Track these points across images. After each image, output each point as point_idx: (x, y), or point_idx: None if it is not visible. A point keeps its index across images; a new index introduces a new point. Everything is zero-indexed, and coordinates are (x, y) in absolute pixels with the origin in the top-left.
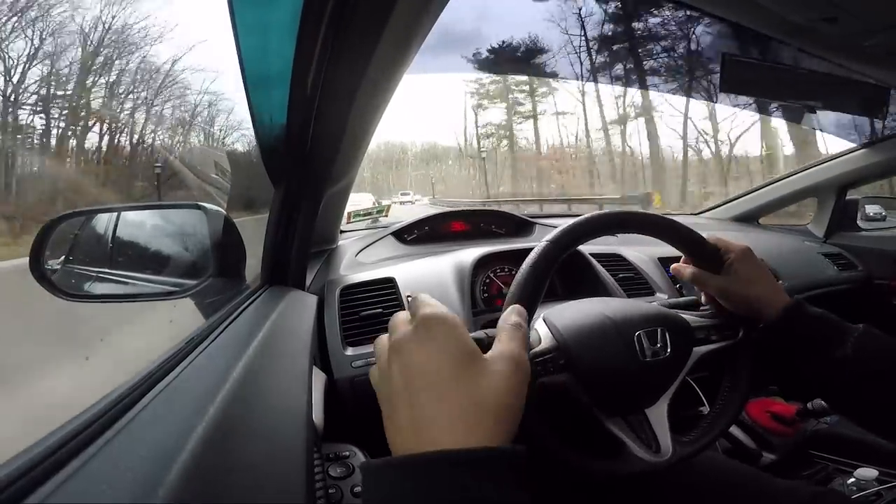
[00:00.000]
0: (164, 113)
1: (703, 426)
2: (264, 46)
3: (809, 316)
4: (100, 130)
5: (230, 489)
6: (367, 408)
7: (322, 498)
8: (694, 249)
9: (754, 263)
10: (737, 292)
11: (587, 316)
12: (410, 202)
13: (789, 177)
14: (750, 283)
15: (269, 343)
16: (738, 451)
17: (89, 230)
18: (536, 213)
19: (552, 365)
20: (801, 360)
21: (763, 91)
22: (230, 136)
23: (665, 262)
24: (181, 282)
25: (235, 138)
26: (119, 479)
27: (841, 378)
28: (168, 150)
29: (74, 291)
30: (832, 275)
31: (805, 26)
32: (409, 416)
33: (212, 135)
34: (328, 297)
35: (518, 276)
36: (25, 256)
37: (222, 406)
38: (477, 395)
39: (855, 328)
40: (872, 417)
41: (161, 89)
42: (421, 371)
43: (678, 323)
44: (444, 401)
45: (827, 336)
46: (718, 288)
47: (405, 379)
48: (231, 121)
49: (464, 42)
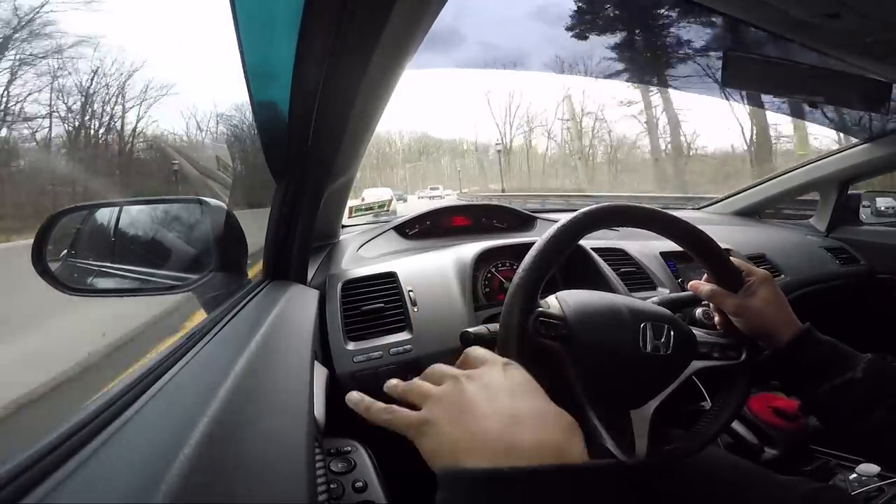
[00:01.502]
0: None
1: (685, 439)
2: (266, 42)
3: (819, 341)
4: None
5: (232, 485)
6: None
7: (324, 493)
8: (718, 266)
9: (775, 289)
10: (753, 312)
11: (600, 298)
12: (440, 196)
13: (791, 171)
14: (768, 305)
15: (270, 338)
16: (739, 447)
17: (92, 224)
18: (538, 207)
19: (553, 331)
20: (810, 384)
21: (765, 86)
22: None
23: (667, 256)
24: (183, 276)
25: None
26: (120, 476)
27: (850, 401)
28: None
29: (77, 285)
30: (834, 269)
31: (808, 22)
32: (498, 429)
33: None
34: (330, 291)
35: (545, 235)
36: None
37: (224, 401)
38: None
39: (864, 356)
40: (882, 440)
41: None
42: (506, 388)
43: (685, 331)
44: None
45: (836, 361)
46: (736, 306)
47: (489, 393)
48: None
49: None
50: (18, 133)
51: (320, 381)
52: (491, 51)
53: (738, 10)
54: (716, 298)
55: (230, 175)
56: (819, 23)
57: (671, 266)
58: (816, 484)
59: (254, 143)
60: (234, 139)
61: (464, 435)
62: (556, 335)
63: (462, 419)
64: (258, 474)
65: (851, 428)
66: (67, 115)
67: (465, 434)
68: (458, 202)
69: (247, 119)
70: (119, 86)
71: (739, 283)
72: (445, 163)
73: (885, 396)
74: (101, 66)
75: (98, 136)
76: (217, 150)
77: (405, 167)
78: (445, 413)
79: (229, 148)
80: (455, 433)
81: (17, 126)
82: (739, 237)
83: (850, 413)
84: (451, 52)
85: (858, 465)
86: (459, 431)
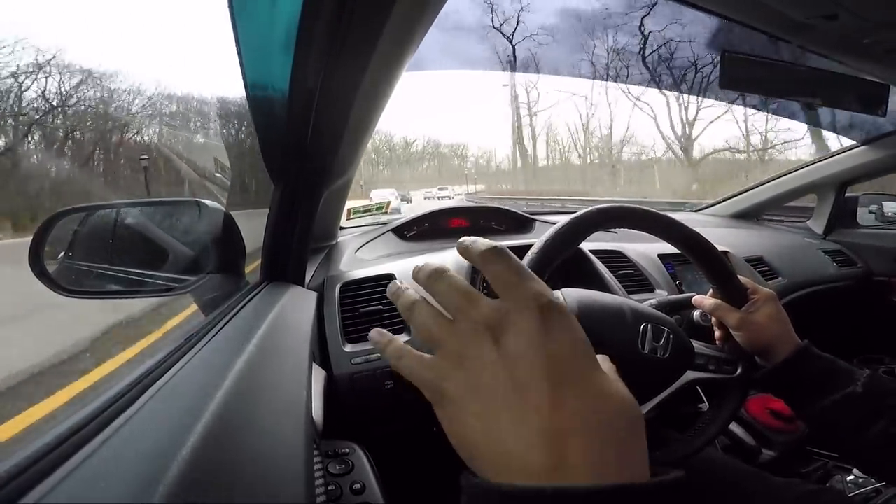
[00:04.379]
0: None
1: (672, 449)
2: (265, 43)
3: (818, 357)
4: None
5: (230, 486)
6: (366, 405)
7: (322, 495)
8: (724, 281)
9: (778, 307)
10: (755, 328)
11: (603, 297)
12: (448, 197)
13: (789, 174)
14: (770, 321)
15: (268, 340)
16: (736, 448)
17: (89, 226)
18: (537, 209)
19: None
20: (809, 400)
21: (763, 88)
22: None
23: (664, 259)
24: (181, 278)
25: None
26: (118, 476)
27: (850, 416)
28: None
29: (74, 287)
30: (832, 272)
31: (805, 23)
32: (542, 422)
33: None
34: (328, 293)
35: (551, 230)
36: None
37: (222, 403)
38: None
39: (863, 371)
40: (882, 455)
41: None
42: (548, 368)
43: (684, 340)
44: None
45: (835, 377)
46: (738, 320)
47: (527, 376)
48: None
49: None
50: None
51: (318, 383)
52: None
53: (736, 12)
54: (719, 312)
55: (227, 176)
56: (817, 24)
57: (669, 268)
58: (814, 486)
59: (252, 144)
60: (233, 139)
61: (492, 434)
62: None
63: (489, 413)
64: (256, 475)
65: (851, 443)
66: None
67: (493, 434)
68: (458, 204)
69: (245, 119)
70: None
71: (744, 299)
72: (457, 164)
73: (885, 410)
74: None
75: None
76: (211, 148)
77: (416, 167)
78: (467, 394)
79: (227, 149)
80: (480, 428)
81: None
82: (737, 239)
83: (850, 428)
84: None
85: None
86: (485, 426)
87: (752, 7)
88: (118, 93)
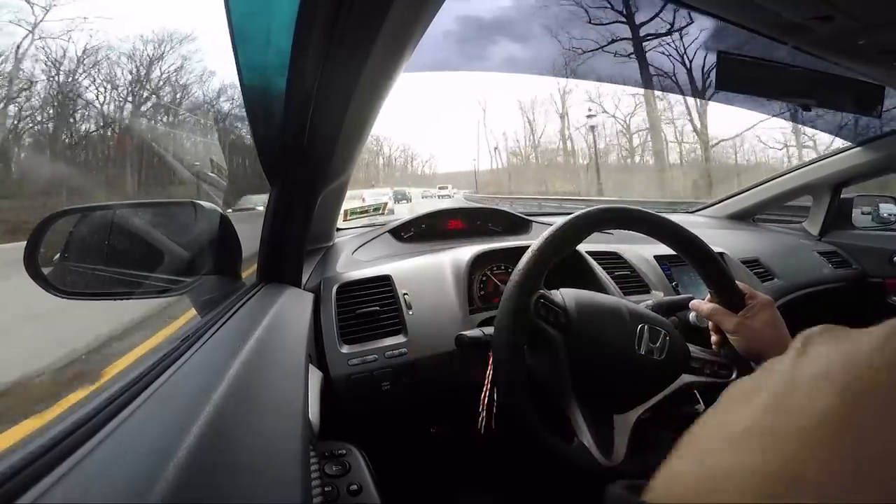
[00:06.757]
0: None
1: (656, 454)
2: (261, 42)
3: None
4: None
5: (227, 487)
6: (363, 406)
7: (318, 496)
8: (722, 286)
9: (775, 313)
10: (751, 332)
11: (601, 297)
12: (448, 196)
13: (784, 175)
14: (766, 327)
15: (265, 341)
16: None
17: (84, 228)
18: (534, 211)
19: (552, 317)
20: None
21: (758, 89)
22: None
23: (661, 260)
24: (177, 279)
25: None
26: (115, 476)
27: None
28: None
29: (69, 289)
30: (827, 273)
31: (800, 25)
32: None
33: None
34: (324, 294)
35: (552, 228)
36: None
37: (219, 404)
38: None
39: None
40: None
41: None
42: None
43: (681, 343)
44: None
45: None
46: (735, 324)
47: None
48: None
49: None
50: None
51: (315, 385)
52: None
53: (732, 13)
54: (716, 317)
55: (224, 177)
56: (812, 26)
57: (665, 269)
58: None
59: (248, 144)
60: (230, 139)
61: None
62: (556, 323)
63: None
64: (253, 476)
65: None
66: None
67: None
68: (455, 205)
69: (242, 118)
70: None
71: (742, 305)
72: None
73: None
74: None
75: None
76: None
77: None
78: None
79: (223, 149)
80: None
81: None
82: (733, 241)
83: None
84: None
85: None
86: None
87: (748, 8)
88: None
